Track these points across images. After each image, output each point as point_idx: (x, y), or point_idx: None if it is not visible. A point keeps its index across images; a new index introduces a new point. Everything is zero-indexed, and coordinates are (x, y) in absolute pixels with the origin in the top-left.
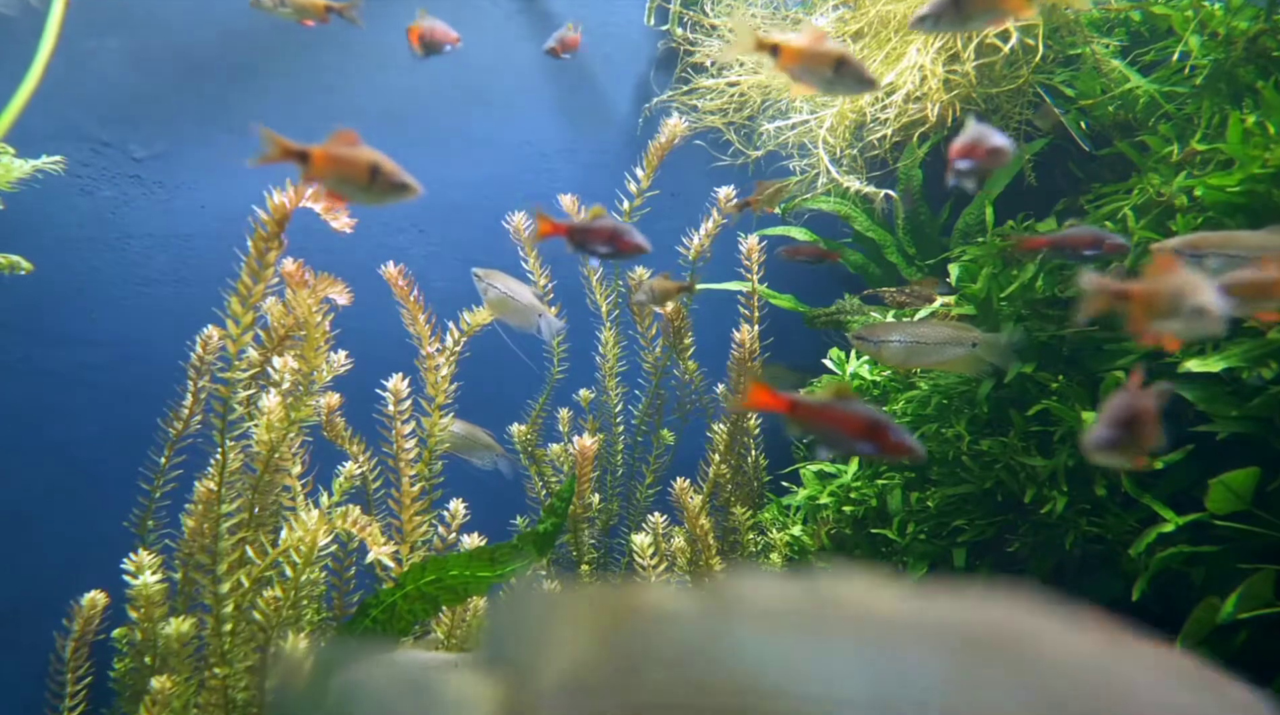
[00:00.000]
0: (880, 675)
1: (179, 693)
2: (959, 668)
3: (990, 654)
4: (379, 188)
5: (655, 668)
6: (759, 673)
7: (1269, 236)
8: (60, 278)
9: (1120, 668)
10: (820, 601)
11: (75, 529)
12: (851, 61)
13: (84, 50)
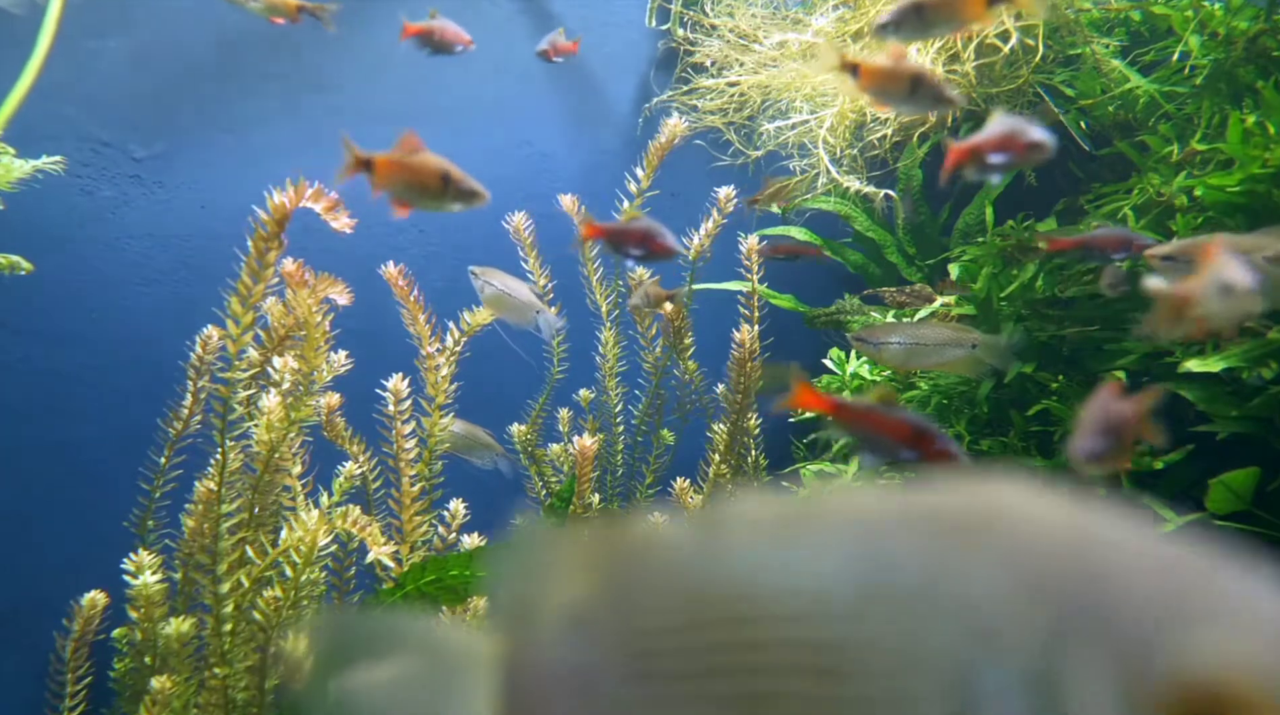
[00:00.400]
0: (866, 568)
1: (179, 693)
2: (938, 553)
3: (969, 537)
4: (451, 194)
5: (651, 592)
6: (753, 580)
7: (1258, 240)
8: (60, 278)
9: (1099, 548)
10: (806, 509)
11: (75, 529)
12: (928, 79)
13: (84, 50)
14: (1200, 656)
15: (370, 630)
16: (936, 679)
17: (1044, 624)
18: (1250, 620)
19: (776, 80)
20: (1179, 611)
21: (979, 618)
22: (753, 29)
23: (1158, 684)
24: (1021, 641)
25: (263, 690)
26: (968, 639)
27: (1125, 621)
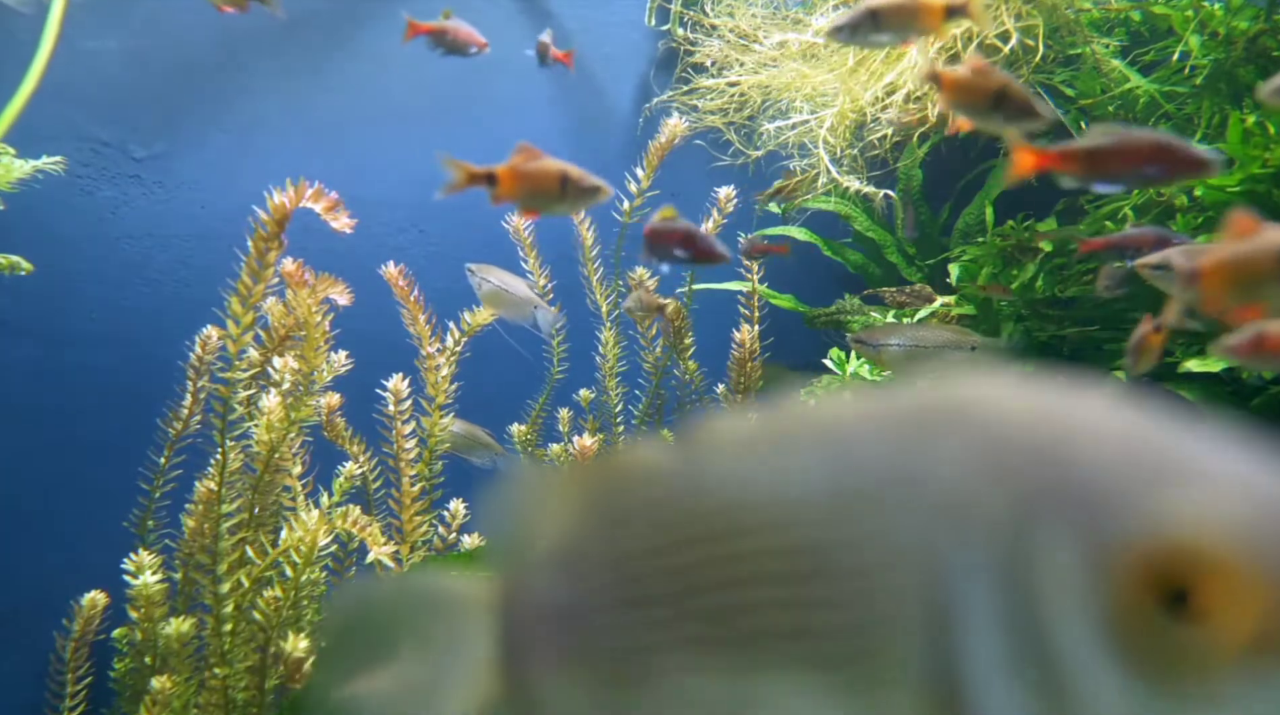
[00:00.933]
0: (836, 469)
1: (179, 693)
2: (905, 447)
3: (935, 428)
4: (571, 196)
5: (634, 519)
6: (728, 495)
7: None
8: (60, 278)
9: (1062, 426)
10: (780, 419)
11: (75, 529)
12: (1013, 91)
13: (84, 50)
14: (1166, 519)
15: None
16: (908, 571)
17: (1009, 504)
18: (1218, 481)
19: (777, 80)
20: (1144, 478)
21: (945, 505)
22: (753, 29)
23: (1123, 550)
24: (988, 524)
25: (263, 690)
26: (936, 527)
27: (1089, 492)
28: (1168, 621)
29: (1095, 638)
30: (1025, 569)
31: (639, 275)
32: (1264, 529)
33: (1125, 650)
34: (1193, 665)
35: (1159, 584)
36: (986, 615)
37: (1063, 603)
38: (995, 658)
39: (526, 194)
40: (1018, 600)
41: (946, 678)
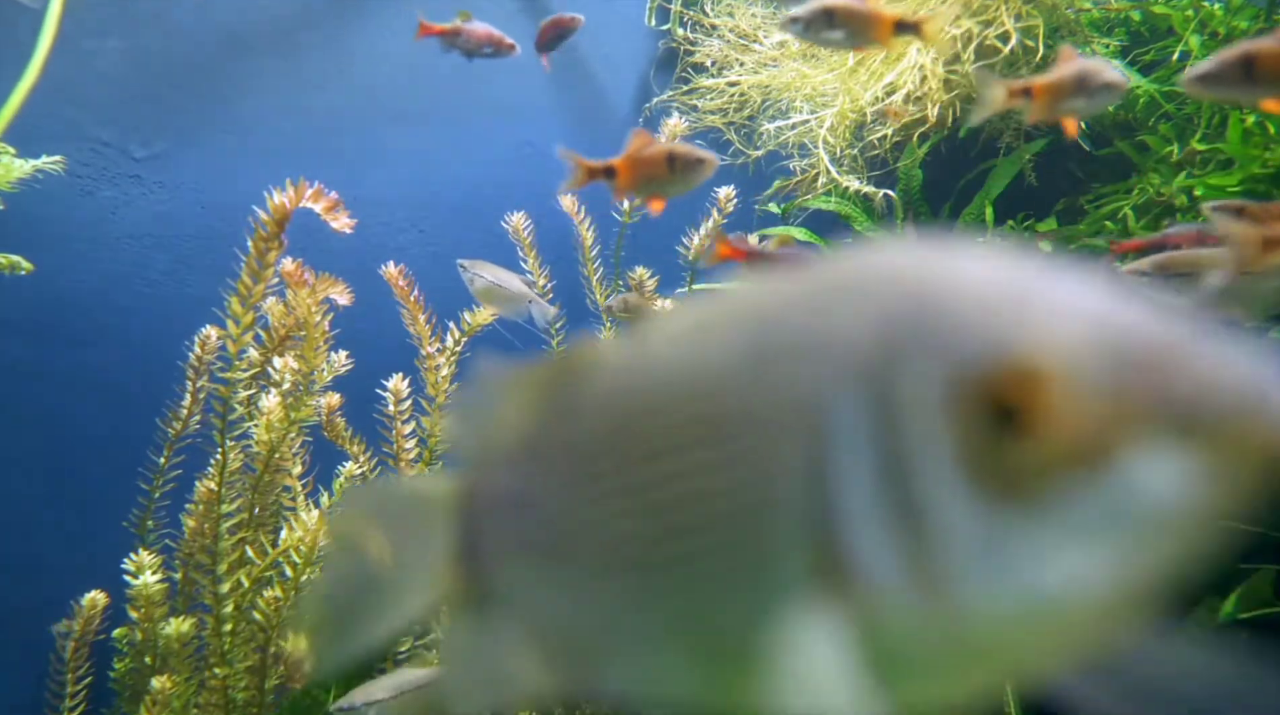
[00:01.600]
0: (747, 339)
1: (179, 693)
2: (805, 310)
3: (833, 290)
4: (680, 172)
5: (587, 405)
6: (665, 372)
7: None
8: (60, 278)
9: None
10: (714, 304)
11: (75, 529)
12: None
13: (84, 50)
14: (1001, 342)
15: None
16: (796, 424)
17: (880, 346)
18: (1054, 308)
19: (777, 80)
20: (992, 310)
21: (829, 356)
22: (753, 29)
23: (964, 373)
24: (862, 367)
25: (263, 690)
26: (821, 377)
27: (944, 327)
28: (1005, 439)
29: (947, 464)
30: (891, 406)
31: (639, 275)
32: (1085, 345)
33: (972, 472)
34: (1028, 478)
35: (995, 402)
36: (860, 458)
37: (920, 434)
38: (867, 499)
39: (642, 180)
40: (886, 439)
41: (826, 524)
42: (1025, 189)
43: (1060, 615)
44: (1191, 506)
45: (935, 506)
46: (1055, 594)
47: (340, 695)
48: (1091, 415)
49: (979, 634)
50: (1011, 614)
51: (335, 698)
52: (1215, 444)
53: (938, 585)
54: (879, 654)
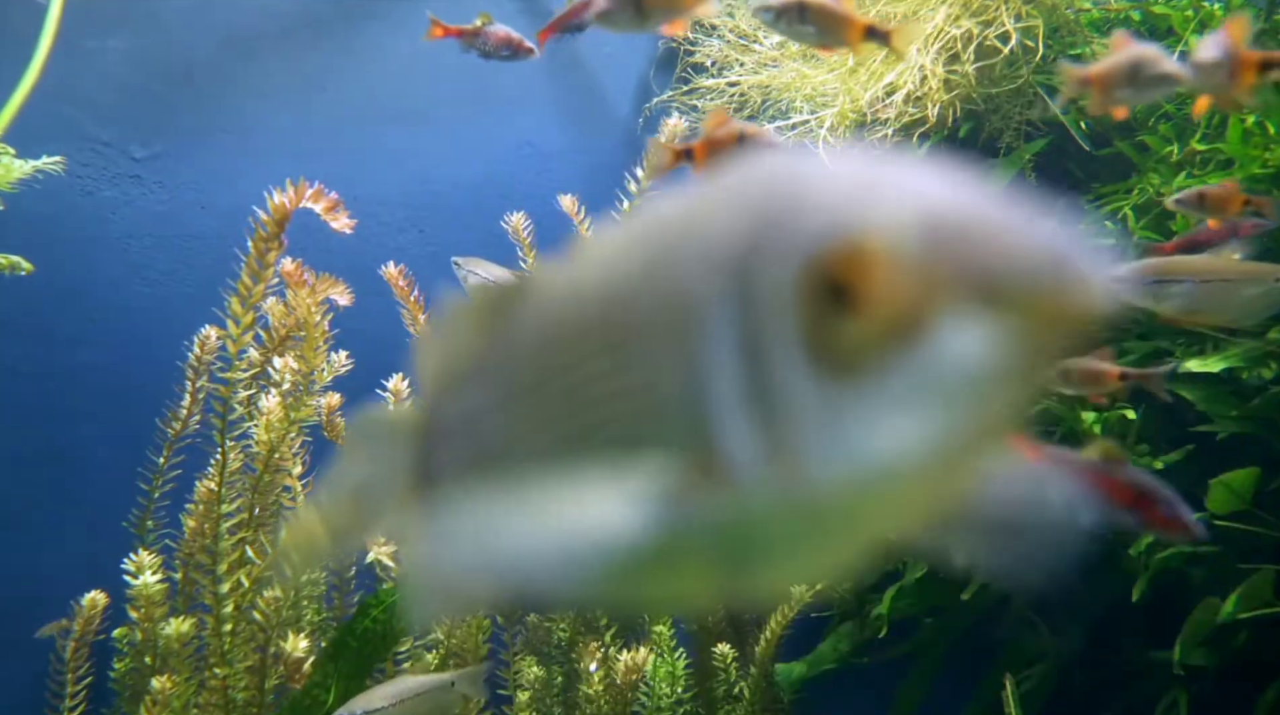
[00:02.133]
0: (649, 249)
1: (179, 693)
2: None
3: (723, 197)
4: (749, 152)
5: (519, 328)
6: (583, 292)
7: (1212, 260)
8: (60, 278)
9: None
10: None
11: (75, 529)
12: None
13: (84, 50)
14: (836, 226)
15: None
16: (678, 325)
17: (746, 240)
18: (892, 193)
19: (777, 80)
20: (835, 201)
21: (708, 256)
22: (753, 29)
23: (809, 257)
24: (733, 262)
25: (263, 690)
26: (701, 278)
27: (796, 218)
28: (839, 317)
29: (793, 345)
30: (750, 295)
31: None
32: (904, 224)
33: (813, 351)
34: (859, 353)
35: (829, 282)
36: (726, 348)
37: (772, 318)
38: (731, 386)
39: (717, 160)
40: (747, 327)
41: (699, 415)
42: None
43: (895, 480)
44: (999, 369)
45: (784, 386)
46: (888, 460)
47: (340, 695)
48: (907, 288)
49: (827, 505)
50: (852, 482)
51: (336, 697)
52: (1017, 309)
53: (789, 462)
54: (750, 536)
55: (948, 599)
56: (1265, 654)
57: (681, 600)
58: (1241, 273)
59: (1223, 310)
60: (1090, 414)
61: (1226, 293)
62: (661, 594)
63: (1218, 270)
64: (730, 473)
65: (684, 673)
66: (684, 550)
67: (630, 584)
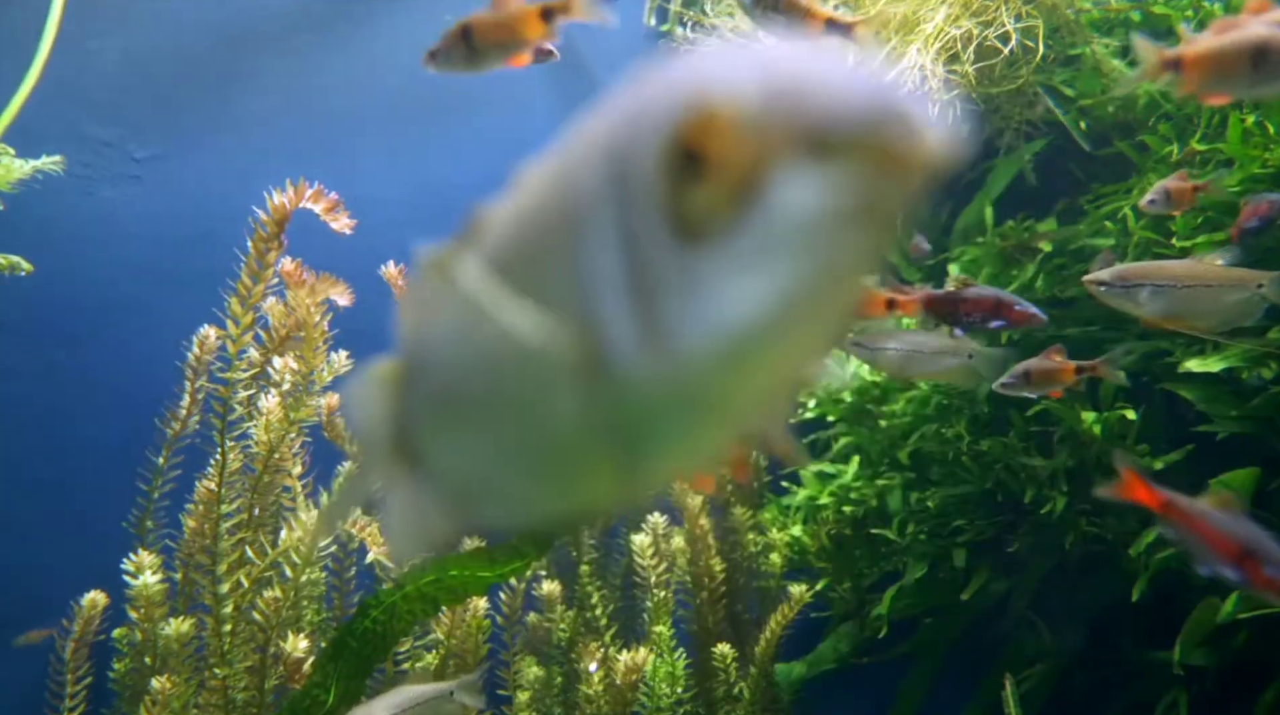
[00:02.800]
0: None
1: (179, 693)
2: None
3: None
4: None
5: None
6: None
7: (1192, 266)
8: (60, 278)
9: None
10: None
11: (75, 529)
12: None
13: (84, 50)
14: (689, 96)
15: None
16: (576, 222)
17: (628, 131)
18: (737, 64)
19: None
20: (697, 77)
21: (597, 154)
22: (753, 28)
23: (667, 129)
24: (615, 155)
25: (263, 690)
26: (591, 175)
27: (664, 98)
28: (694, 184)
29: (656, 218)
30: (626, 185)
31: None
32: (745, 87)
33: (673, 222)
34: (710, 218)
35: (684, 150)
36: (610, 242)
37: (640, 196)
38: (614, 279)
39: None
40: (625, 217)
41: (589, 313)
42: (1025, 189)
43: (755, 343)
44: (837, 218)
45: (652, 263)
46: (745, 323)
47: (340, 695)
48: (747, 146)
49: (699, 378)
50: (717, 351)
51: (336, 697)
52: (847, 156)
53: (661, 338)
54: (638, 422)
55: (948, 599)
56: (1265, 654)
57: (585, 499)
58: (1223, 278)
59: (1203, 315)
60: (1090, 414)
61: (1207, 298)
62: (564, 492)
63: (1199, 275)
64: (615, 361)
65: (684, 673)
66: (579, 444)
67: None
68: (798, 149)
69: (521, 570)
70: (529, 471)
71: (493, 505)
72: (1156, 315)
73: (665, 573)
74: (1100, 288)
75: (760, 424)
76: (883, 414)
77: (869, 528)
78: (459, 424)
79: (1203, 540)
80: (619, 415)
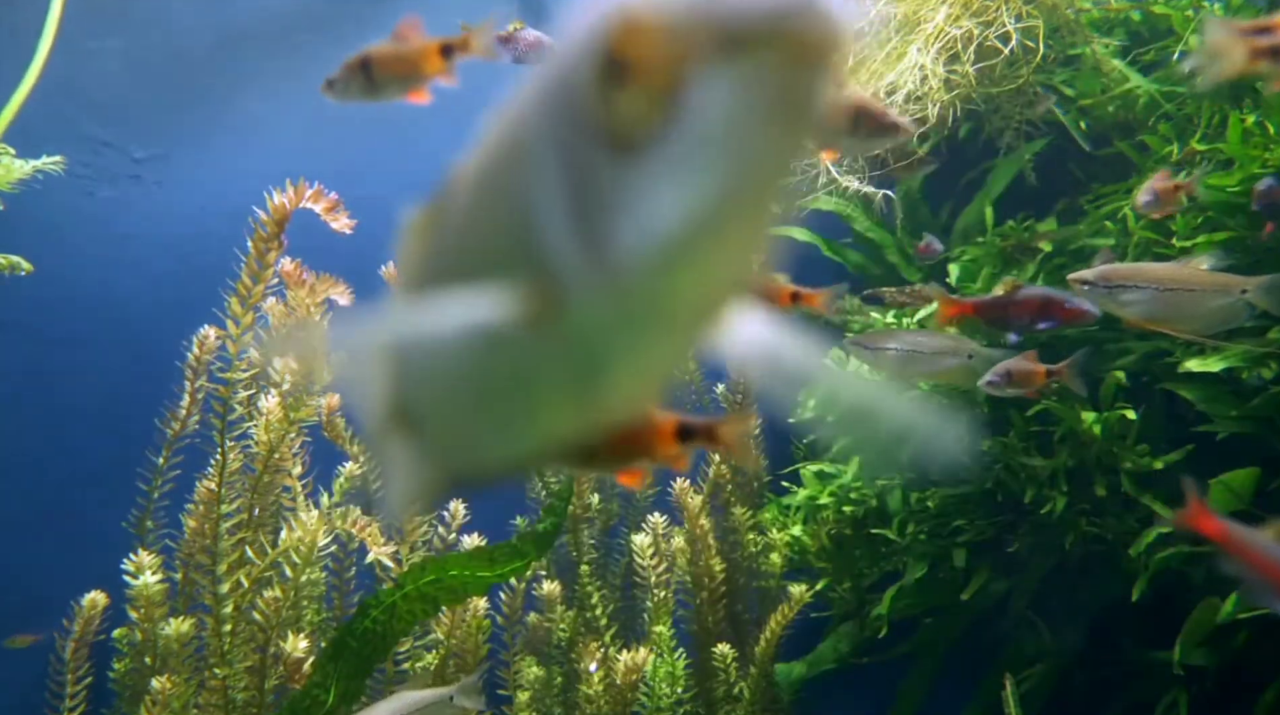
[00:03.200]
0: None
1: (179, 693)
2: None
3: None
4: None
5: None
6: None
7: (1176, 269)
8: (60, 278)
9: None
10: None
11: (75, 529)
12: None
13: (84, 50)
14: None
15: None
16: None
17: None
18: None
19: None
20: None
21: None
22: None
23: (598, 44)
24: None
25: (263, 690)
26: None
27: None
28: (622, 94)
29: (592, 133)
30: (565, 106)
31: None
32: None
33: (607, 135)
34: (638, 126)
35: (611, 63)
36: (552, 164)
37: (577, 115)
38: (558, 200)
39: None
40: (566, 143)
41: (537, 244)
42: (1025, 189)
43: (691, 247)
44: (756, 114)
45: (588, 178)
46: (680, 227)
47: (340, 695)
48: (667, 51)
49: (643, 288)
50: (656, 258)
51: (335, 697)
52: (759, 51)
53: (602, 252)
54: (589, 349)
55: (948, 599)
56: (1265, 654)
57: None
58: (1207, 283)
59: (1187, 318)
60: (1090, 414)
61: (1191, 302)
62: (536, 429)
63: (1182, 279)
64: (564, 290)
65: (684, 673)
66: (543, 381)
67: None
68: (713, 49)
69: (521, 570)
70: (504, 417)
71: (476, 453)
72: (1139, 317)
73: (665, 573)
74: (1084, 287)
75: (706, 335)
76: None
77: (869, 528)
78: (439, 390)
79: (1268, 575)
80: (574, 343)
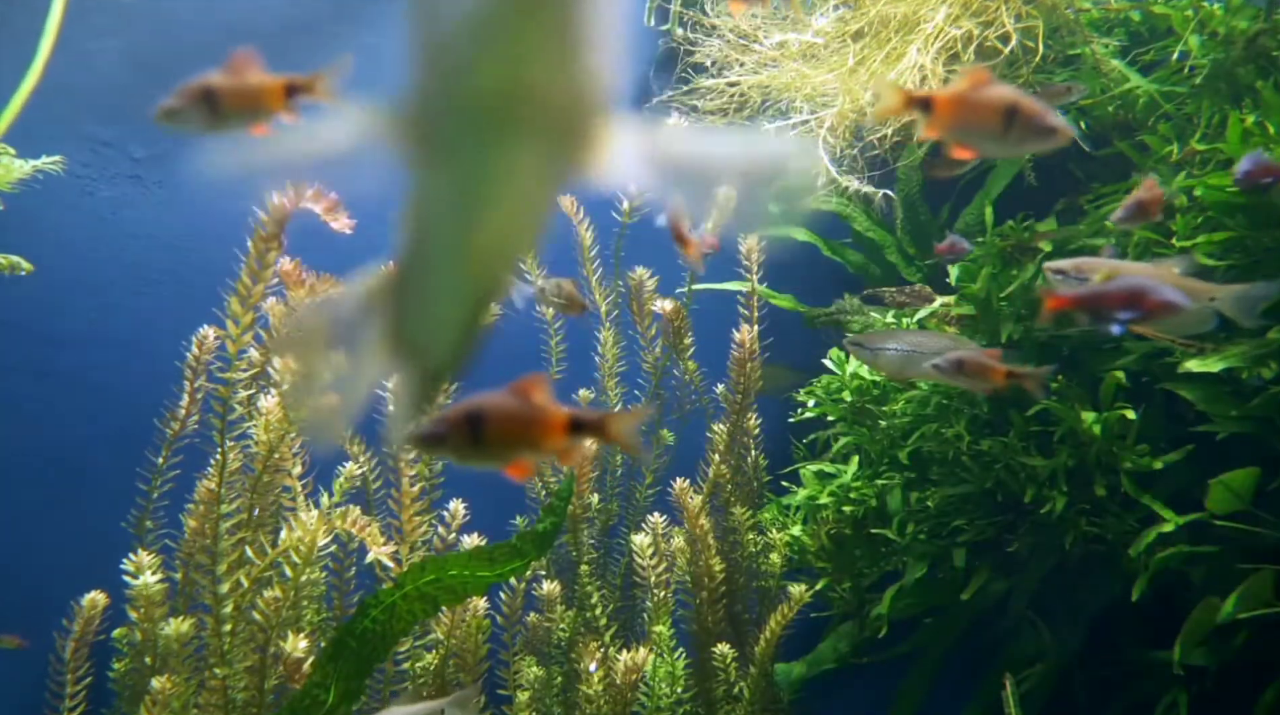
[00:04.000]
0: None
1: (179, 693)
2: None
3: None
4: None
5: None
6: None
7: (1151, 269)
8: (60, 278)
9: None
10: None
11: (75, 529)
12: None
13: (84, 50)
14: None
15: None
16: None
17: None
18: None
19: (776, 80)
20: None
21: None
22: (753, 29)
23: None
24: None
25: (262, 690)
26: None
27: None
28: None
29: None
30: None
31: (639, 275)
32: None
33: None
34: None
35: None
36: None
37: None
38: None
39: (964, 125)
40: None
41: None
42: (1025, 189)
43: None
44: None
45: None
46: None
47: (340, 695)
48: None
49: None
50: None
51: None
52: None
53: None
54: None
55: (947, 599)
56: (1265, 654)
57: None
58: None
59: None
60: (1090, 414)
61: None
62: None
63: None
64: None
65: (684, 673)
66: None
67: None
68: None
69: (521, 570)
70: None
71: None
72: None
73: (665, 573)
74: (1058, 276)
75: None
76: (882, 414)
77: (869, 528)
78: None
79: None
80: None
